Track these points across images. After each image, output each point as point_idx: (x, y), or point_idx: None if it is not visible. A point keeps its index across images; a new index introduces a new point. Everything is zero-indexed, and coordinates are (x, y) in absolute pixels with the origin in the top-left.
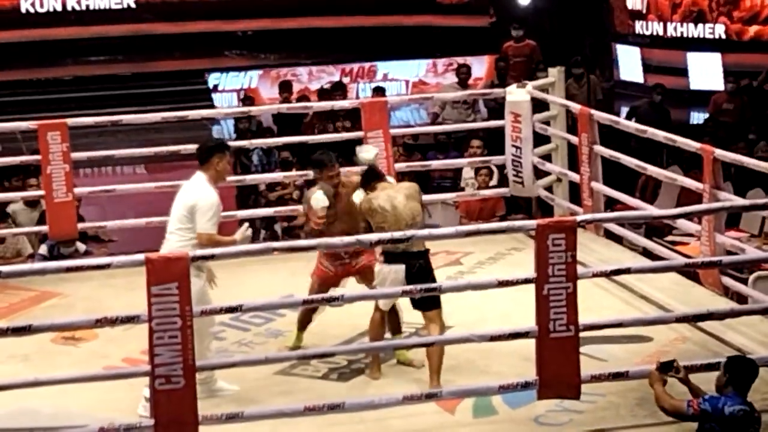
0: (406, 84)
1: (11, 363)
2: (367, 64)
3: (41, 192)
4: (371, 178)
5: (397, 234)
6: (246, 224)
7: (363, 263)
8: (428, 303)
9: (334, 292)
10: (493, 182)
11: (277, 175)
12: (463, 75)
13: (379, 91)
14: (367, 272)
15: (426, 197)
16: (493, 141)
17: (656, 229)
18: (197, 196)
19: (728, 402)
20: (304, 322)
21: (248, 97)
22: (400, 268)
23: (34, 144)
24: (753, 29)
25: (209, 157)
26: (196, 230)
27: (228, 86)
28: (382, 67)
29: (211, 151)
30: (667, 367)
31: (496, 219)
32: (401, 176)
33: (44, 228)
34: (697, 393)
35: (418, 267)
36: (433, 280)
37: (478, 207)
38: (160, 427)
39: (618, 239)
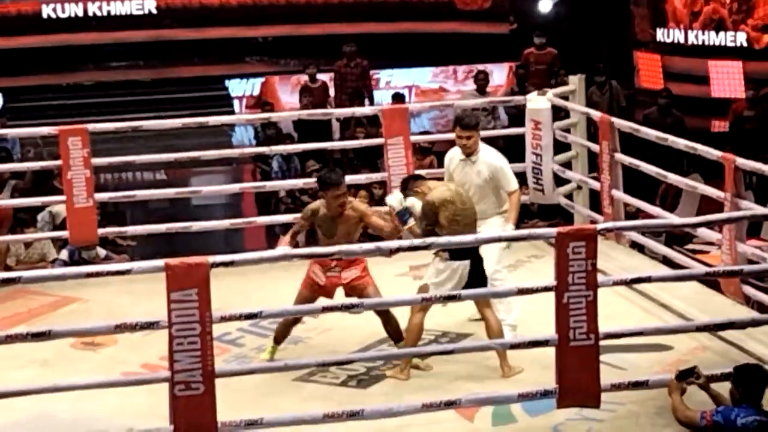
0: (409, 90)
1: (30, 368)
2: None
3: (62, 197)
4: (415, 178)
5: (416, 241)
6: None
7: (352, 278)
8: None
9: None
10: None
11: (296, 182)
12: (481, 81)
13: (398, 98)
14: (358, 287)
15: None
16: (513, 148)
17: (677, 237)
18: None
19: (741, 413)
20: (281, 336)
21: (268, 103)
22: (467, 263)
23: (55, 149)
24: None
25: None
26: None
27: (234, 93)
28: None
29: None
30: (686, 375)
31: None
32: None
33: (65, 233)
34: (718, 400)
35: (477, 259)
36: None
37: None
38: None
39: (639, 248)
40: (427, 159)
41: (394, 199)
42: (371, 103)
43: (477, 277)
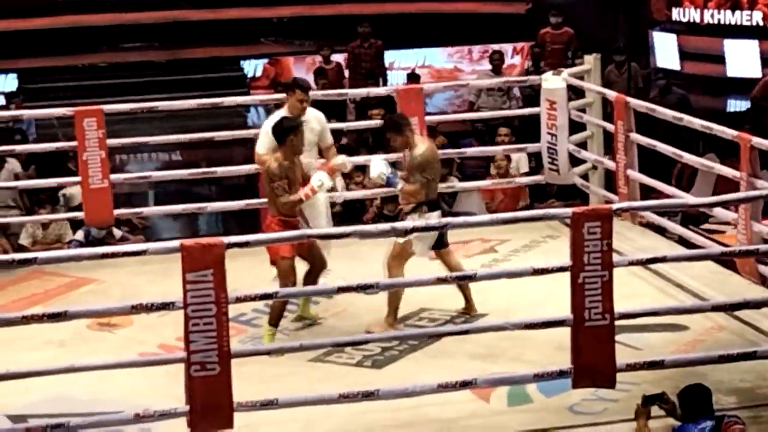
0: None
1: (47, 349)
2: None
3: (77, 178)
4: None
5: (432, 222)
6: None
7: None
8: (444, 241)
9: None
10: (525, 169)
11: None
12: (496, 61)
13: (413, 78)
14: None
15: (461, 184)
16: (528, 128)
17: (692, 217)
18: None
19: (699, 423)
20: (279, 318)
21: (282, 84)
22: (438, 215)
23: (71, 130)
24: None
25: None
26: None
27: (249, 74)
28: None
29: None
30: (653, 399)
31: (521, 207)
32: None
33: (80, 214)
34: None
35: (443, 211)
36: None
37: (501, 195)
38: (195, 414)
39: (657, 228)
40: (438, 139)
41: (381, 165)
42: (384, 83)
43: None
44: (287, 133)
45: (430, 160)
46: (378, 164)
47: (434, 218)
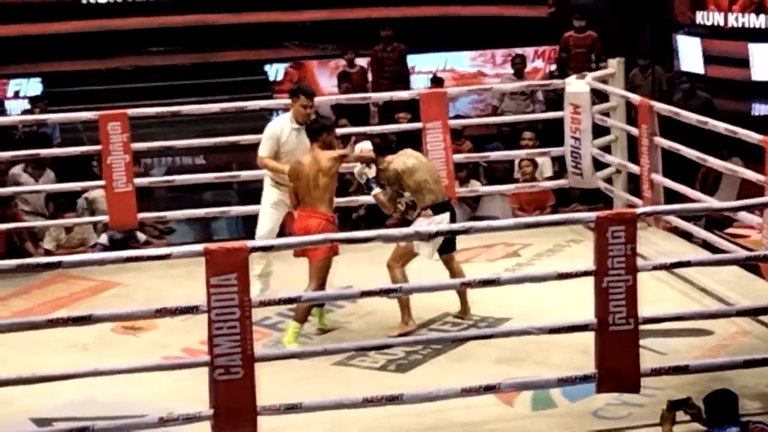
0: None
1: (71, 352)
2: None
3: (101, 182)
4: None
5: (456, 226)
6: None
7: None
8: (453, 246)
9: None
10: (548, 173)
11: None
12: (518, 65)
13: (436, 82)
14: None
15: (486, 188)
16: (552, 132)
17: (717, 221)
18: None
19: (725, 429)
20: (305, 316)
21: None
22: (446, 216)
23: (95, 134)
24: None
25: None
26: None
27: (272, 78)
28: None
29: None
30: (679, 405)
31: (548, 211)
32: (457, 167)
33: (104, 218)
34: None
35: (453, 212)
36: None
37: (527, 199)
38: (219, 417)
39: (682, 233)
40: (465, 144)
41: (361, 170)
42: (407, 87)
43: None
44: (321, 131)
45: (400, 175)
46: (358, 169)
47: (445, 221)
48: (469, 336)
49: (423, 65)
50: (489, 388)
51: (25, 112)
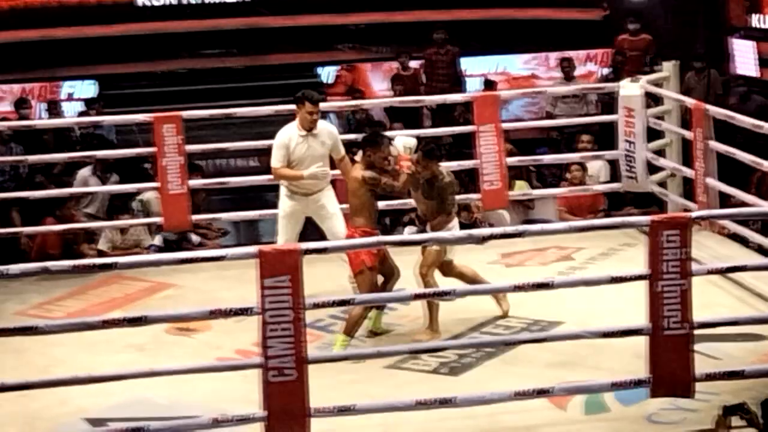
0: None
1: (127, 353)
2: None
3: (156, 184)
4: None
5: (509, 229)
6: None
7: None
8: None
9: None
10: (605, 177)
11: None
12: (567, 68)
13: (489, 85)
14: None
15: (535, 192)
16: (605, 135)
17: None
18: None
19: None
20: (355, 329)
21: (357, 90)
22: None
23: (149, 136)
24: None
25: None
26: None
27: (325, 80)
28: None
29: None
30: (734, 410)
31: (601, 215)
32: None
33: (158, 220)
34: None
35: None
36: None
37: (578, 202)
38: (273, 419)
39: (736, 237)
40: (507, 146)
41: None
42: (460, 90)
43: None
44: (365, 146)
45: (453, 187)
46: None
47: (456, 228)
48: (522, 339)
49: (475, 68)
50: (542, 392)
51: (81, 113)
